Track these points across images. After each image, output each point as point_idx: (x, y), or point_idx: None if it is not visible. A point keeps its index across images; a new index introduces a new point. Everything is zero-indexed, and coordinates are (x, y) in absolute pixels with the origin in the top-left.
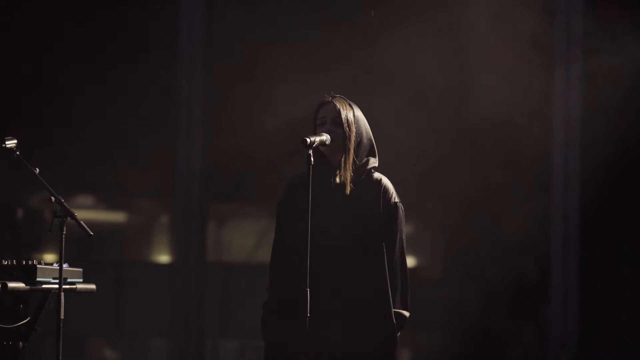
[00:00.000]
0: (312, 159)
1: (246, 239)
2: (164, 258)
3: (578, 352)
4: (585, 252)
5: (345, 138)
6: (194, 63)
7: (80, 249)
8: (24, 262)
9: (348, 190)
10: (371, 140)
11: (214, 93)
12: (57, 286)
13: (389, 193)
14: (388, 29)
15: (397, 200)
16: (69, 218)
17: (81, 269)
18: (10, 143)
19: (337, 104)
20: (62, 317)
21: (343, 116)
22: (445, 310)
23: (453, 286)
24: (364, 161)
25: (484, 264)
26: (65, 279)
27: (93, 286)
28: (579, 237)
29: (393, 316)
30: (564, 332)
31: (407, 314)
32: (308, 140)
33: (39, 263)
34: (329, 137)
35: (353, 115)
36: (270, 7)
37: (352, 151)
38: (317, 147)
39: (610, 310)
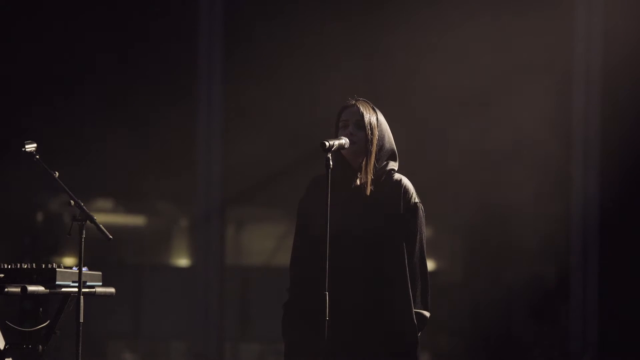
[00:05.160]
0: (331, 163)
1: (265, 243)
2: (183, 261)
3: (598, 355)
4: (604, 255)
5: (368, 142)
6: (213, 68)
7: (100, 252)
8: (43, 266)
9: (368, 192)
10: (392, 145)
11: (233, 97)
12: (76, 289)
13: (409, 193)
14: (408, 30)
15: (417, 200)
16: (88, 222)
17: (100, 273)
18: (30, 147)
19: (361, 107)
20: (81, 320)
21: (366, 119)
22: (465, 313)
23: (473, 289)
24: (383, 164)
25: (504, 268)
26: (85, 282)
27: (112, 289)
28: (599, 239)
29: (414, 316)
30: (583, 335)
31: (427, 314)
32: (327, 143)
33: (59, 266)
34: (347, 140)
35: (376, 119)
36: (288, 11)
37: (374, 155)
38: (337, 150)
39: (630, 312)
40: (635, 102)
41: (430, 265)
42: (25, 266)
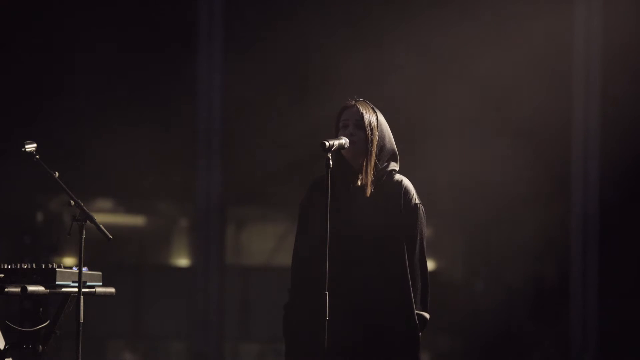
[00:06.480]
0: (330, 163)
1: (265, 243)
2: (183, 261)
3: (598, 355)
4: (604, 255)
5: (368, 142)
6: (213, 67)
7: (100, 252)
8: (43, 266)
9: (368, 193)
10: (393, 145)
11: (233, 97)
12: (76, 289)
13: (410, 194)
14: (407, 30)
15: (417, 201)
16: (88, 222)
17: (100, 273)
18: (30, 147)
19: (361, 108)
20: (81, 320)
21: (366, 120)
22: (465, 313)
23: (473, 289)
24: (384, 164)
25: (504, 268)
26: (85, 282)
27: (112, 289)
28: (599, 239)
29: (415, 317)
30: (583, 335)
31: (427, 315)
32: (327, 143)
33: (59, 266)
34: (347, 140)
35: (376, 119)
36: (289, 9)
37: (374, 155)
38: (338, 150)
39: (630, 312)
40: (635, 102)
41: (430, 265)
42: (25, 266)
